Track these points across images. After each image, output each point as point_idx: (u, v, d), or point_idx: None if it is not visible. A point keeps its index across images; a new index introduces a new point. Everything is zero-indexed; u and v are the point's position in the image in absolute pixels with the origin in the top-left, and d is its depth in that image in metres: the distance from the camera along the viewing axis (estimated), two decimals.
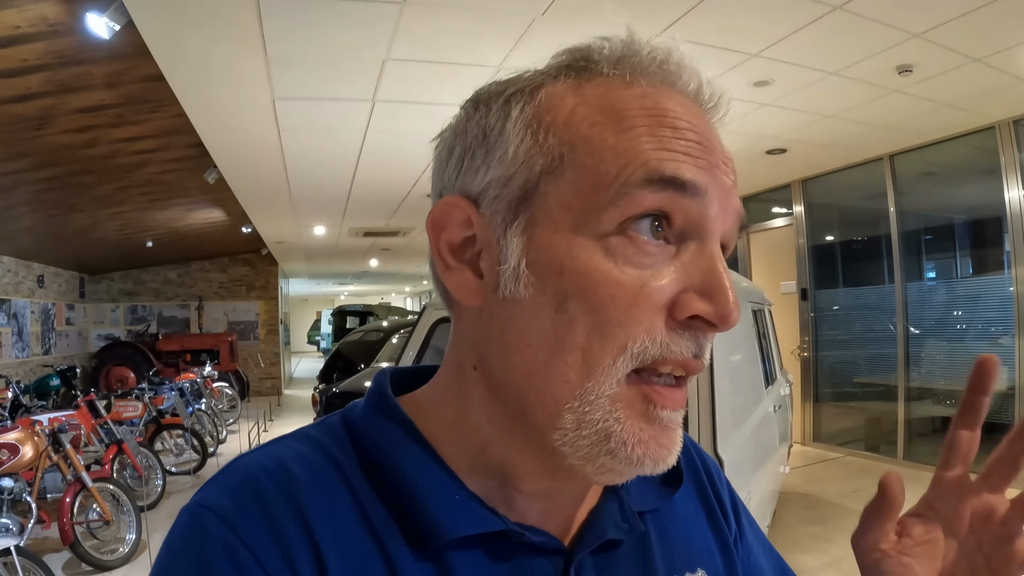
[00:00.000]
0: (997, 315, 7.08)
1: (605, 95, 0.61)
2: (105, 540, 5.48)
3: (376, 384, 0.72)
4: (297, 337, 33.78)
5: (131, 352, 14.64)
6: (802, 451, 8.81)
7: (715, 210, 0.59)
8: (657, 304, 0.57)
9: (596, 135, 0.59)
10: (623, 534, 0.70)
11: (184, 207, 10.68)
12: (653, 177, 0.56)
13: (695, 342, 0.58)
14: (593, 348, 0.57)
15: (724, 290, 0.57)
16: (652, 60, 0.62)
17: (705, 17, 4.26)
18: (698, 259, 0.58)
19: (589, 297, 0.57)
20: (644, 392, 0.58)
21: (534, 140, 0.60)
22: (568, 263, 0.58)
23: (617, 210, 0.56)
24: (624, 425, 0.57)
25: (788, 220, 9.55)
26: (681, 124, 0.59)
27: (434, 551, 0.61)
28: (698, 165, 0.58)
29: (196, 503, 0.60)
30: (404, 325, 11.07)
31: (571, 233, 0.58)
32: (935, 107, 6.17)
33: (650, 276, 0.57)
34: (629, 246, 0.57)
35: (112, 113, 5.89)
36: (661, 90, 0.61)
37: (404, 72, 4.98)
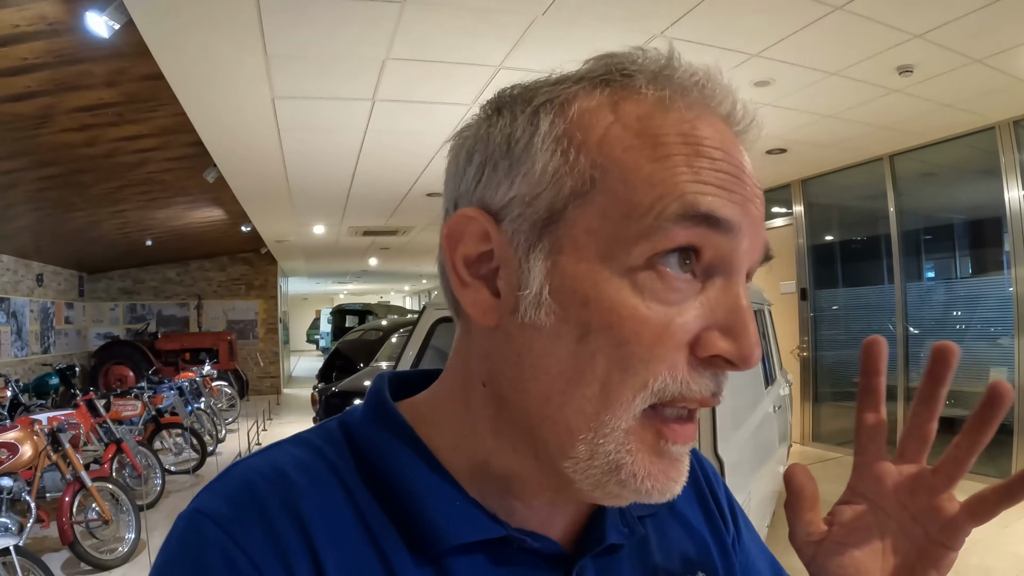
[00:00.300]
0: (996, 315, 7.08)
1: (643, 117, 0.58)
2: (104, 539, 5.48)
3: (374, 389, 0.72)
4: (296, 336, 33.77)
5: (130, 351, 14.65)
6: (801, 451, 8.82)
7: (745, 246, 0.58)
8: (681, 342, 0.56)
9: (631, 161, 0.56)
10: (624, 538, 0.70)
11: (183, 206, 10.68)
12: (689, 213, 0.54)
13: (715, 380, 0.57)
14: (613, 382, 0.56)
15: (747, 329, 0.56)
16: (691, 80, 0.60)
17: (706, 17, 4.25)
18: (724, 296, 0.57)
19: (614, 332, 0.55)
20: (657, 427, 0.58)
21: (564, 159, 0.58)
22: (593, 294, 0.56)
23: (648, 244, 0.55)
24: (636, 458, 0.57)
25: (788, 220, 9.55)
26: (717, 154, 0.57)
27: (434, 557, 0.60)
28: (732, 200, 0.56)
29: (193, 510, 0.59)
30: (403, 324, 11.06)
31: (598, 263, 0.56)
32: (935, 107, 6.17)
33: (676, 313, 0.55)
34: (657, 281, 0.55)
35: (112, 112, 5.88)
36: (699, 114, 0.59)
37: (404, 71, 4.98)
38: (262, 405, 13.86)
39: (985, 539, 5.25)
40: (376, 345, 10.03)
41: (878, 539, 0.68)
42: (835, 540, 0.68)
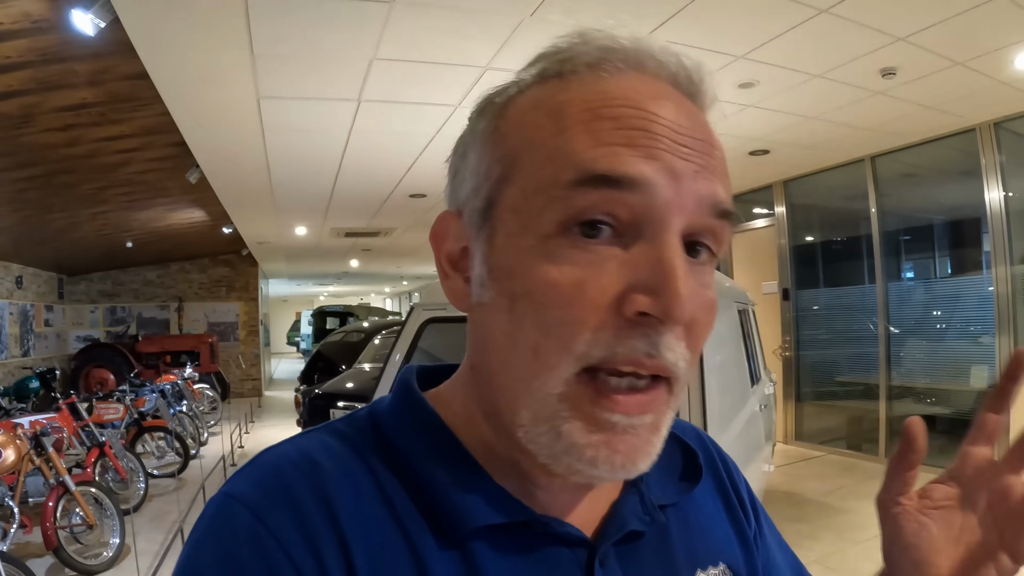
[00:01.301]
0: (977, 314, 7.15)
1: (551, 96, 0.61)
2: (88, 544, 5.41)
3: (402, 379, 0.74)
4: (277, 338, 33.61)
5: (111, 354, 14.53)
6: (785, 450, 8.87)
7: (663, 199, 0.56)
8: (599, 303, 0.56)
9: (538, 139, 0.60)
10: (645, 526, 0.71)
11: (165, 207, 10.61)
12: (585, 177, 0.56)
13: (646, 340, 0.56)
14: (540, 348, 0.58)
15: (669, 283, 0.55)
16: (621, 53, 0.62)
17: (692, 19, 4.27)
18: (647, 254, 0.56)
19: (533, 298, 0.58)
20: (592, 396, 0.57)
21: (493, 150, 0.63)
22: (515, 265, 0.59)
23: (554, 212, 0.57)
24: (573, 425, 0.57)
25: (770, 221, 9.60)
26: (625, 112, 0.58)
27: (459, 539, 0.61)
28: (640, 155, 0.56)
29: (224, 493, 0.61)
30: (386, 326, 11.05)
31: (519, 237, 0.59)
32: (917, 109, 6.22)
33: (592, 275, 0.56)
34: (569, 247, 0.57)
35: (95, 112, 5.84)
36: (622, 82, 0.60)
37: (391, 72, 4.97)
38: (244, 408, 13.83)
39: None
40: (358, 347, 10.01)
41: (957, 526, 0.69)
42: (920, 509, 0.70)
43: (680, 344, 0.58)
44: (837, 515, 6.10)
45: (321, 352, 11.28)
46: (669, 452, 0.77)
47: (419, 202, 9.64)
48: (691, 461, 0.79)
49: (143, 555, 5.31)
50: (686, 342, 0.59)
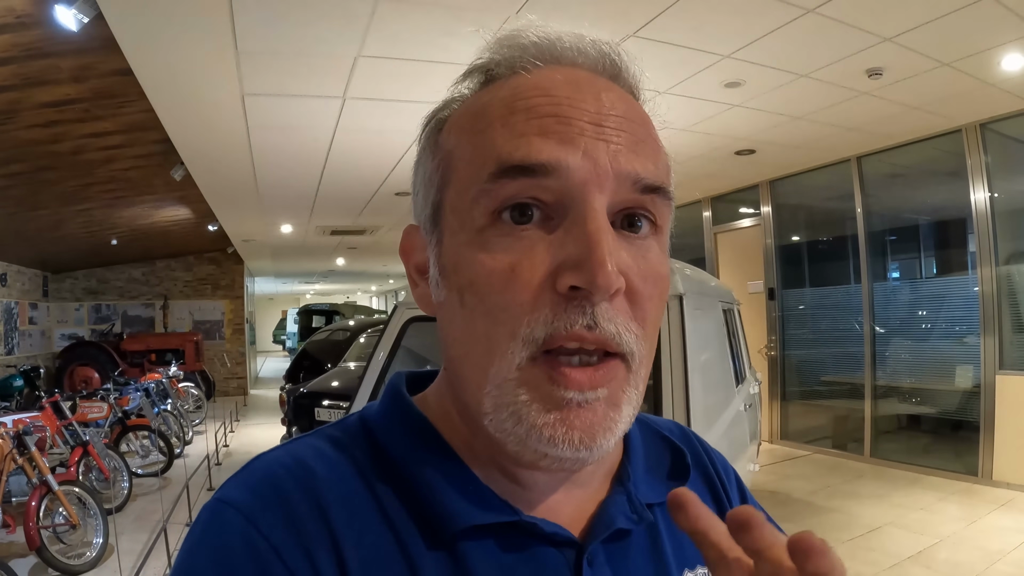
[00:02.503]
0: (962, 314, 7.19)
1: (477, 100, 0.66)
2: (72, 544, 5.37)
3: (392, 385, 0.76)
4: (263, 336, 33.50)
5: (95, 352, 14.46)
6: (770, 449, 8.90)
7: (579, 179, 0.59)
8: (532, 284, 0.58)
9: (465, 141, 0.64)
10: (632, 524, 0.71)
11: (150, 204, 10.54)
12: (503, 167, 0.59)
13: (582, 313, 0.57)
14: (491, 335, 0.60)
15: (591, 254, 0.56)
16: (537, 49, 0.65)
17: (678, 18, 4.27)
18: (571, 231, 0.58)
19: (476, 287, 0.61)
20: (548, 373, 0.59)
21: (434, 160, 0.68)
22: (458, 260, 0.63)
23: (482, 204, 0.60)
24: (531, 408, 0.59)
25: (756, 220, 9.63)
26: (537, 103, 0.61)
27: (447, 540, 0.62)
28: (552, 140, 0.59)
29: (217, 499, 0.62)
30: (371, 324, 11.02)
31: (459, 233, 0.63)
32: (903, 110, 6.24)
33: (523, 258, 0.59)
34: (500, 234, 0.60)
35: (79, 108, 5.79)
36: (535, 75, 0.64)
37: (376, 69, 4.96)
38: (229, 406, 13.76)
39: (954, 534, 5.33)
40: (344, 345, 9.98)
41: None
42: None
43: (620, 316, 0.59)
44: (822, 514, 6.12)
45: (307, 350, 11.25)
46: (657, 451, 0.79)
47: (405, 200, 9.60)
48: (678, 459, 0.80)
49: (126, 555, 5.28)
50: (632, 314, 0.61)
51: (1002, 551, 4.96)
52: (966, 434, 7.10)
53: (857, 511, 6.15)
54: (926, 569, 4.77)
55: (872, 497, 6.56)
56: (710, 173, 8.66)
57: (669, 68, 5.08)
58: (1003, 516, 5.76)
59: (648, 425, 0.83)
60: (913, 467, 7.38)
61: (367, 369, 3.84)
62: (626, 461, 0.76)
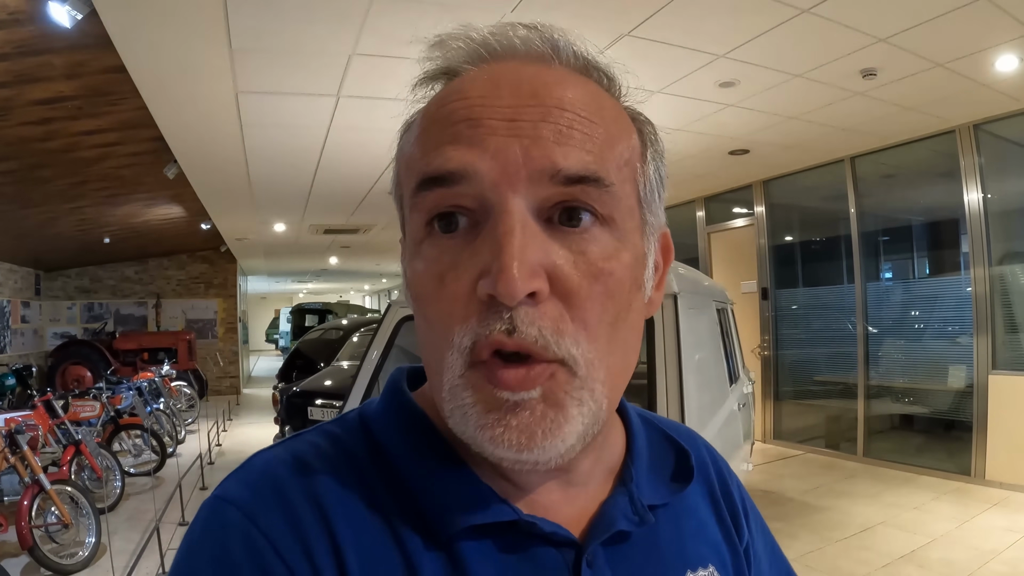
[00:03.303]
0: (954, 315, 7.21)
1: (418, 113, 0.67)
2: (64, 544, 5.34)
3: (392, 381, 0.75)
4: (255, 335, 33.44)
5: (88, 351, 14.42)
6: (763, 448, 8.91)
7: (490, 181, 0.57)
8: (458, 293, 0.58)
9: (404, 154, 0.66)
10: (633, 526, 0.70)
11: (143, 203, 10.52)
12: (421, 181, 0.60)
13: (499, 319, 0.56)
14: (436, 344, 0.61)
15: (499, 262, 0.55)
16: (464, 48, 0.65)
17: (673, 17, 4.27)
18: (488, 236, 0.57)
19: (419, 299, 0.63)
20: (486, 375, 0.58)
21: (395, 171, 0.69)
22: (408, 273, 0.64)
23: (414, 219, 0.62)
24: (475, 410, 0.58)
25: (749, 220, 9.64)
26: (452, 109, 0.61)
27: (446, 540, 0.62)
28: (462, 146, 0.59)
29: (216, 496, 0.62)
30: (364, 323, 11.02)
31: (408, 245, 0.65)
32: (897, 110, 6.26)
33: (448, 268, 0.59)
34: (430, 245, 0.61)
35: (71, 105, 5.77)
36: (462, 78, 0.64)
37: (370, 68, 4.94)
38: (222, 405, 13.74)
39: (948, 533, 5.35)
40: (337, 344, 9.97)
41: None
42: None
43: (547, 318, 0.57)
44: (816, 513, 6.13)
45: (300, 350, 11.25)
46: (661, 451, 0.79)
47: None
48: (683, 462, 0.79)
49: (119, 554, 5.26)
50: (570, 315, 0.58)
51: (995, 550, 4.98)
52: (959, 434, 7.12)
53: (850, 510, 6.16)
54: (919, 568, 4.78)
55: (865, 496, 6.57)
56: (704, 173, 8.66)
57: (663, 68, 5.08)
58: (996, 515, 5.77)
59: (653, 425, 0.83)
60: (906, 467, 7.39)
61: (360, 368, 3.83)
62: (629, 461, 0.75)
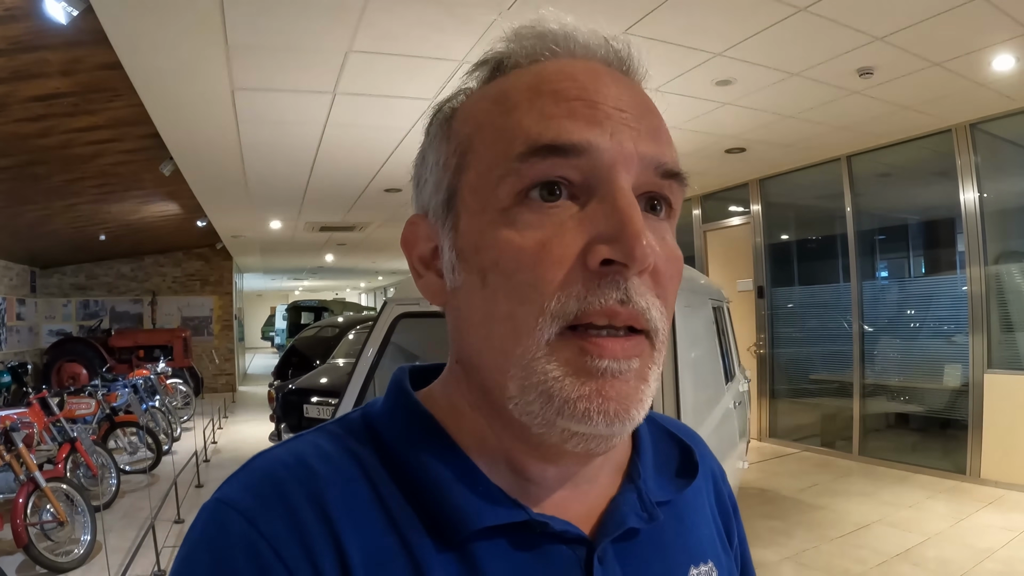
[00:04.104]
0: (950, 313, 7.22)
1: (495, 87, 0.66)
2: (59, 541, 5.34)
3: (395, 380, 0.74)
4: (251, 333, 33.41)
5: (83, 348, 14.39)
6: (759, 447, 8.92)
7: (608, 159, 0.59)
8: (564, 259, 0.58)
9: (488, 122, 0.64)
10: (643, 523, 0.70)
11: (138, 200, 10.50)
12: (533, 147, 0.59)
13: (615, 288, 0.58)
14: (516, 315, 0.59)
15: (626, 228, 0.57)
16: (552, 37, 0.66)
17: (670, 16, 4.27)
18: (602, 208, 0.59)
19: (501, 267, 0.60)
20: (580, 345, 0.58)
21: (448, 146, 0.67)
22: (481, 241, 0.62)
23: (509, 183, 0.60)
24: (563, 383, 0.58)
25: (745, 219, 9.64)
26: (564, 85, 0.62)
27: (457, 543, 0.61)
28: (582, 123, 0.60)
29: (216, 500, 0.61)
30: (360, 321, 11.03)
31: (481, 214, 0.62)
32: (894, 109, 6.26)
33: (552, 235, 0.59)
34: (528, 212, 0.60)
35: (67, 102, 5.75)
36: (556, 63, 0.65)
37: (367, 64, 4.94)
38: (217, 403, 13.73)
39: (943, 532, 5.35)
40: (332, 342, 9.99)
41: None
42: None
43: (649, 291, 0.60)
44: (811, 512, 6.13)
45: (295, 347, 11.26)
46: (665, 448, 0.80)
47: (394, 196, 9.60)
48: (687, 457, 0.80)
49: (114, 552, 5.25)
50: (655, 291, 0.61)
51: (990, 549, 4.98)
52: (954, 432, 7.13)
53: (845, 509, 6.17)
54: (914, 567, 4.78)
55: (860, 495, 6.58)
56: (700, 171, 8.65)
57: (660, 66, 5.08)
58: (991, 514, 5.79)
59: (656, 422, 0.83)
60: (901, 465, 7.40)
61: (356, 365, 3.83)
62: (636, 457, 0.75)
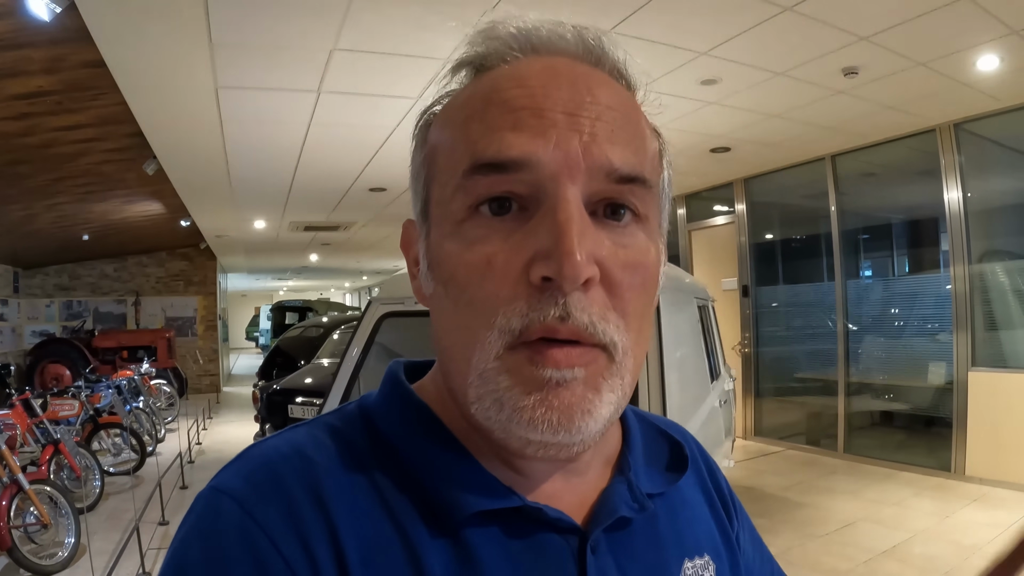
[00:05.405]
0: (934, 312, 7.26)
1: (459, 94, 0.66)
2: (43, 544, 5.28)
3: (390, 372, 0.75)
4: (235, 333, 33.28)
5: (66, 349, 14.26)
6: (744, 445, 8.95)
7: (550, 172, 0.58)
8: (508, 275, 0.58)
9: (447, 136, 0.65)
10: (634, 512, 0.71)
11: (122, 199, 10.43)
12: (475, 164, 0.60)
13: (553, 304, 0.57)
14: (471, 326, 0.60)
15: (559, 244, 0.56)
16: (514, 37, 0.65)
17: (655, 15, 4.27)
18: (543, 223, 0.58)
19: (455, 280, 0.61)
20: (528, 355, 0.58)
21: (422, 155, 0.69)
22: (441, 253, 0.63)
23: (458, 199, 0.61)
24: (512, 392, 0.58)
25: (730, 218, 9.67)
26: (513, 95, 0.61)
27: (451, 528, 0.62)
28: (524, 134, 0.59)
29: (212, 487, 0.61)
30: (344, 321, 10.99)
31: (441, 226, 0.64)
32: (878, 109, 6.29)
33: (499, 250, 0.59)
34: (477, 227, 0.60)
35: (50, 100, 5.70)
36: (515, 66, 0.64)
37: (351, 63, 4.92)
38: (202, 404, 13.68)
39: (928, 529, 5.38)
40: (317, 342, 9.95)
41: None
42: None
43: (596, 305, 0.59)
44: (796, 510, 6.16)
45: (280, 347, 11.21)
46: (656, 443, 0.80)
47: (379, 196, 9.58)
48: (677, 452, 0.81)
49: (99, 555, 5.22)
50: (611, 304, 0.60)
51: (976, 545, 5.02)
52: (939, 430, 7.17)
53: (831, 506, 6.19)
54: (900, 563, 4.81)
55: (846, 492, 6.61)
56: (685, 171, 8.68)
57: (644, 65, 5.07)
58: (976, 511, 5.82)
59: (646, 420, 0.84)
60: (887, 463, 7.44)
61: (341, 365, 3.81)
62: (626, 451, 0.76)
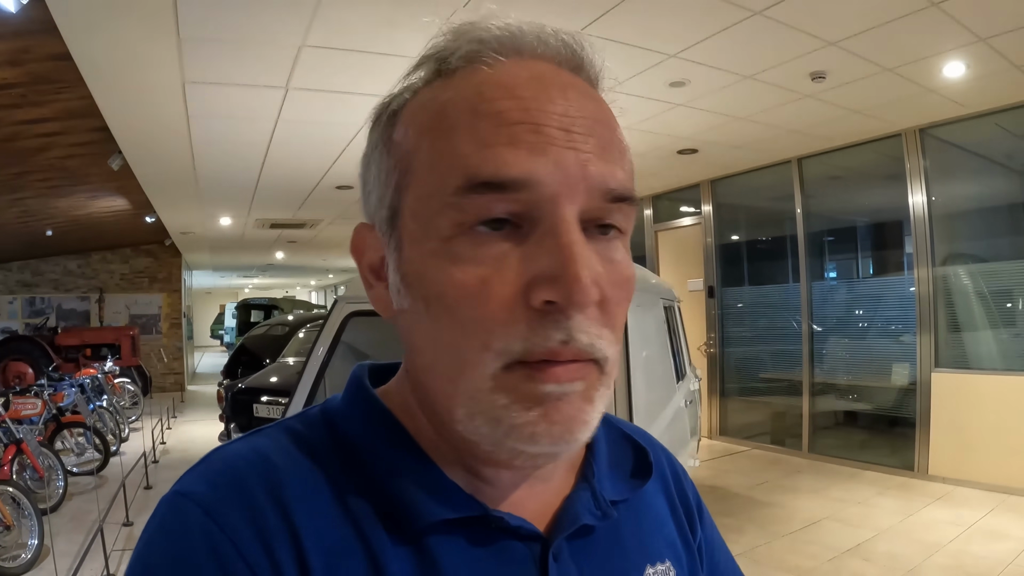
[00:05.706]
0: (898, 314, 7.35)
1: (435, 97, 0.62)
2: (6, 546, 5.21)
3: (354, 376, 0.74)
4: (200, 331, 33.02)
5: (29, 346, 14.03)
6: (709, 445, 9.00)
7: (551, 192, 0.57)
8: (506, 297, 0.56)
9: (426, 143, 0.60)
10: (597, 520, 0.71)
11: (86, 194, 10.30)
12: (471, 183, 0.56)
13: (558, 328, 0.56)
14: (461, 347, 0.58)
15: (567, 269, 0.55)
16: (499, 42, 0.62)
17: (625, 16, 4.29)
18: (544, 244, 0.56)
19: (445, 301, 0.58)
20: (527, 373, 0.57)
21: (389, 159, 0.64)
22: (423, 270, 0.60)
23: (449, 217, 0.57)
24: (511, 410, 0.57)
25: (697, 219, 9.73)
26: (504, 107, 0.58)
27: (413, 535, 0.61)
28: (522, 151, 0.57)
29: (175, 492, 0.60)
30: (310, 319, 10.94)
31: (423, 242, 0.60)
32: (845, 113, 6.36)
33: (493, 272, 0.57)
34: (469, 246, 0.57)
35: (14, 93, 5.62)
36: (498, 71, 0.60)
37: (320, 60, 4.89)
38: (166, 403, 13.54)
39: (892, 527, 5.44)
40: (282, 340, 9.89)
41: None
42: None
43: (593, 324, 0.58)
44: (762, 508, 6.21)
45: (245, 346, 11.12)
46: (620, 450, 0.80)
47: (346, 194, 9.53)
48: (641, 458, 0.80)
49: (62, 556, 5.15)
50: (603, 320, 0.59)
51: (938, 543, 5.08)
52: (902, 430, 7.26)
53: (796, 505, 6.25)
54: (865, 562, 4.86)
55: (811, 491, 6.67)
56: (652, 172, 8.72)
57: (614, 66, 5.06)
58: (939, 509, 5.90)
59: (612, 424, 0.83)
60: (851, 462, 7.53)
61: (306, 364, 3.79)
62: (590, 458, 0.75)
